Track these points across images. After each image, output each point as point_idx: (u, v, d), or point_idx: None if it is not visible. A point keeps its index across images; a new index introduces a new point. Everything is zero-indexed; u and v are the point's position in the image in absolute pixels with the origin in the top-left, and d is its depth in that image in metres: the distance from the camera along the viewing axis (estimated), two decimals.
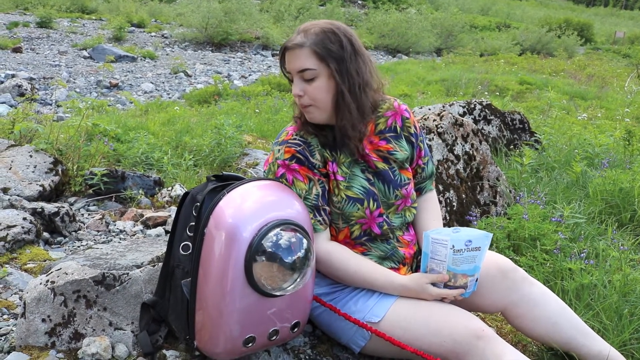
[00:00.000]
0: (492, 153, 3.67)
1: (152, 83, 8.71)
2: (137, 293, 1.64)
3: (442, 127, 2.57)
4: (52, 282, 1.60)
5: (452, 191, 2.47)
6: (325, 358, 1.73)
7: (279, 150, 1.68)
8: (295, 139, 1.68)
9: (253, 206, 1.44)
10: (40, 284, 1.61)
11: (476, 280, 1.65)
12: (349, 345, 1.70)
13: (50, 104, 6.78)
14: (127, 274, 1.64)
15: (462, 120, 2.68)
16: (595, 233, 2.63)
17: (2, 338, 1.67)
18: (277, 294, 1.42)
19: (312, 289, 1.57)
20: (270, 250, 1.38)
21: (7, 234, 2.39)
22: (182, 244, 1.50)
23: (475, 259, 1.61)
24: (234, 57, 12.24)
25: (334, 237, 1.72)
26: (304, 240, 1.44)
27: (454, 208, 2.48)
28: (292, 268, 1.41)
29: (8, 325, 1.73)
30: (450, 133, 2.60)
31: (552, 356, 1.78)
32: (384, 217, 1.72)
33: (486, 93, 6.96)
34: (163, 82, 8.92)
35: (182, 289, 1.47)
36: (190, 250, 1.49)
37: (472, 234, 1.63)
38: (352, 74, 1.61)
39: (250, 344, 1.45)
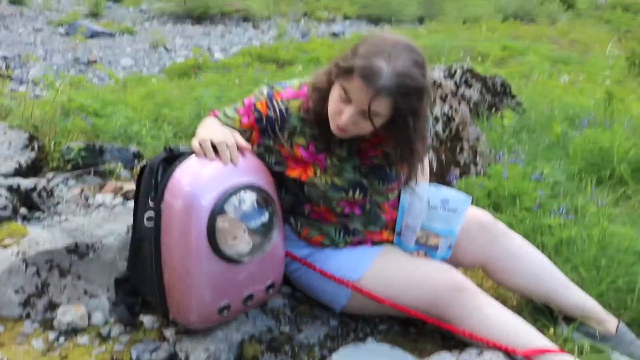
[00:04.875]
0: (474, 117, 3.66)
1: (132, 58, 8.58)
2: (111, 261, 1.62)
3: None
4: (23, 253, 1.57)
5: (431, 152, 2.46)
6: (305, 319, 1.72)
7: (261, 95, 1.60)
8: (283, 107, 1.58)
9: (212, 172, 1.39)
10: (11, 255, 1.58)
11: (449, 247, 1.65)
12: (330, 304, 1.70)
13: (26, 82, 6.65)
14: (101, 241, 1.62)
15: (441, 81, 2.66)
16: (575, 190, 2.64)
17: None
18: (244, 259, 1.40)
19: (282, 248, 1.56)
20: (232, 215, 1.36)
21: None
22: (146, 216, 1.45)
23: (451, 221, 1.61)
24: (214, 30, 12.03)
25: (315, 209, 1.68)
26: (268, 205, 1.42)
27: (434, 170, 2.48)
28: (257, 233, 1.39)
29: None
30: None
31: (532, 309, 1.79)
32: (368, 200, 1.67)
33: (469, 59, 6.92)
34: (142, 57, 8.78)
35: (150, 261, 1.44)
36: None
37: (450, 194, 1.62)
38: (419, 127, 1.47)
39: (225, 312, 1.44)
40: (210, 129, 1.51)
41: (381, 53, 1.36)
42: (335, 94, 1.45)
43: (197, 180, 1.36)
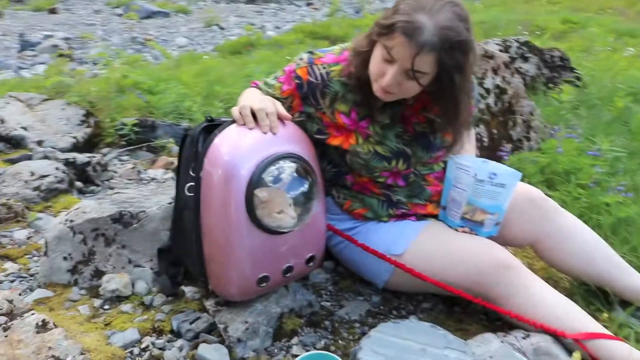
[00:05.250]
0: (529, 91, 3.50)
1: (186, 37, 8.66)
2: (154, 231, 1.63)
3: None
4: (71, 221, 1.60)
5: (482, 126, 2.36)
6: (347, 294, 1.70)
7: (301, 61, 1.57)
8: (324, 71, 1.54)
9: (251, 141, 1.37)
10: (60, 223, 1.62)
11: (496, 224, 1.57)
12: (372, 280, 1.66)
13: (87, 63, 6.83)
14: (144, 211, 1.63)
15: (492, 52, 2.54)
16: (636, 167, 2.48)
17: (32, 277, 1.70)
18: (283, 230, 1.38)
19: (323, 220, 1.53)
20: (271, 185, 1.33)
21: (41, 184, 2.42)
22: (187, 186, 1.44)
23: (498, 197, 1.53)
24: (267, 8, 12.03)
25: (357, 180, 1.65)
26: (308, 174, 1.39)
27: (484, 144, 2.38)
28: (296, 203, 1.36)
29: (38, 266, 1.76)
30: (479, 65, 2.47)
31: (585, 292, 1.70)
32: (412, 171, 1.62)
33: (525, 33, 6.63)
34: (197, 36, 8.86)
35: (191, 232, 1.44)
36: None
37: (499, 169, 1.54)
38: (465, 86, 1.41)
39: (264, 283, 1.43)
40: (251, 98, 1.49)
41: (423, 8, 1.30)
42: (377, 55, 1.40)
43: (236, 150, 1.34)
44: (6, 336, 1.23)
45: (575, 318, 1.40)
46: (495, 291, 1.45)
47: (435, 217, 1.67)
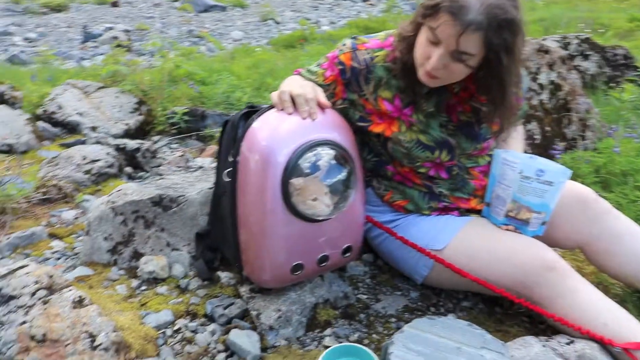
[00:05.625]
0: (588, 90, 3.34)
1: (241, 31, 8.77)
2: (193, 215, 1.63)
3: (524, 53, 2.32)
4: (113, 202, 1.63)
5: (534, 123, 2.26)
6: (385, 288, 1.66)
7: (345, 47, 1.54)
8: (368, 57, 1.51)
9: (290, 128, 1.34)
10: (102, 204, 1.64)
11: (543, 224, 1.50)
12: (411, 275, 1.62)
13: (144, 54, 7.00)
14: (184, 195, 1.64)
15: (548, 46, 2.43)
16: None
17: (76, 256, 1.74)
18: (319, 218, 1.35)
19: (361, 211, 1.49)
20: (308, 171, 1.30)
21: (92, 168, 2.49)
22: (225, 171, 1.44)
23: (545, 195, 1.45)
24: (323, 4, 12.03)
25: (398, 170, 1.61)
26: (347, 162, 1.35)
27: (536, 141, 2.28)
28: (333, 191, 1.33)
29: (82, 246, 1.80)
30: (534, 60, 2.36)
31: (637, 300, 1.60)
32: (456, 163, 1.57)
33: (588, 30, 6.37)
34: (252, 30, 8.95)
35: (228, 217, 1.43)
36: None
37: (547, 165, 1.46)
38: (513, 70, 1.35)
39: (298, 272, 1.41)
40: (291, 84, 1.47)
41: None
42: (422, 38, 1.35)
43: (273, 135, 1.32)
44: (45, 309, 1.26)
45: (626, 326, 1.31)
46: (539, 293, 1.38)
47: (478, 212, 1.61)
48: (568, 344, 1.32)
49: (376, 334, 1.46)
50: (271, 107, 1.40)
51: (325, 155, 1.33)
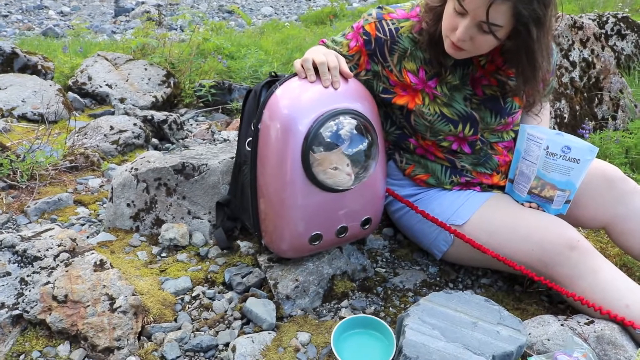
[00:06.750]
0: (623, 70, 3.24)
1: (272, 7, 8.73)
2: (214, 184, 1.64)
3: (557, 29, 2.25)
4: (136, 170, 1.64)
5: (563, 101, 2.20)
6: (403, 262, 1.65)
7: (370, 17, 1.51)
8: (393, 27, 1.48)
9: (312, 96, 1.32)
10: (126, 170, 1.66)
11: (567, 202, 1.46)
12: (431, 250, 1.60)
13: (175, 28, 7.03)
14: (206, 164, 1.64)
15: (582, 22, 2.34)
16: None
17: (100, 222, 1.76)
18: (338, 188, 1.34)
19: (382, 183, 1.47)
20: (329, 140, 1.28)
21: (119, 138, 2.52)
22: (247, 140, 1.43)
23: (571, 173, 1.41)
24: None
25: (420, 143, 1.59)
26: (368, 133, 1.33)
27: (565, 120, 2.22)
28: (354, 161, 1.31)
29: (105, 212, 1.83)
30: (566, 36, 2.28)
31: None
32: (479, 138, 1.53)
33: (626, 10, 6.16)
34: (282, 6, 8.91)
35: (248, 186, 1.43)
36: None
37: (574, 142, 1.42)
38: (543, 43, 1.30)
39: (317, 242, 1.40)
40: (315, 52, 1.45)
41: None
42: (449, 9, 1.32)
43: (295, 103, 1.31)
44: (67, 271, 1.28)
45: None
46: (560, 272, 1.35)
47: (501, 188, 1.58)
48: (587, 324, 1.29)
49: (393, 307, 1.45)
50: (294, 75, 1.38)
51: (347, 124, 1.31)
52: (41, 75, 3.35)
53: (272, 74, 1.46)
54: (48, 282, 1.25)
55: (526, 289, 1.57)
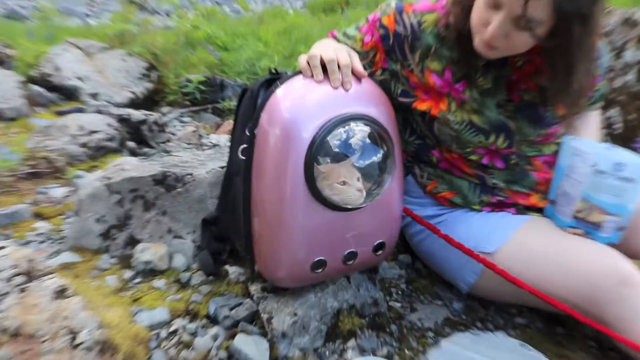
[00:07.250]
0: None
1: None
2: (200, 197, 1.64)
3: (607, 25, 2.25)
4: (108, 179, 1.63)
5: (614, 109, 2.19)
6: (422, 296, 1.64)
7: (389, 8, 1.51)
8: (415, 20, 1.48)
9: (319, 99, 1.31)
10: (96, 180, 1.65)
11: (619, 229, 1.44)
12: (455, 281, 1.60)
13: (160, 13, 7.08)
14: (191, 174, 1.64)
15: (637, 18, 2.34)
16: None
17: (62, 240, 1.76)
18: (347, 206, 1.32)
19: (399, 201, 1.46)
20: (337, 150, 1.27)
21: (90, 140, 2.52)
22: (241, 148, 1.42)
23: (624, 195, 1.39)
24: None
25: (445, 156, 1.58)
26: (383, 142, 1.32)
27: (616, 131, 2.21)
28: (366, 175, 1.30)
29: (70, 227, 1.82)
30: (619, 34, 2.28)
31: None
32: (515, 151, 1.53)
33: None
34: None
35: (240, 201, 1.42)
36: None
37: (628, 158, 1.41)
38: (587, 42, 1.29)
39: (320, 269, 1.39)
40: (324, 47, 1.44)
41: None
42: (480, 1, 1.31)
43: (298, 106, 1.30)
44: (21, 299, 1.27)
45: None
46: (612, 312, 1.33)
47: (540, 211, 1.57)
48: None
49: (408, 350, 1.44)
50: (298, 73, 1.37)
51: (359, 132, 1.30)
52: (0, 64, 3.37)
53: (272, 70, 1.46)
54: None
55: (570, 332, 1.56)
